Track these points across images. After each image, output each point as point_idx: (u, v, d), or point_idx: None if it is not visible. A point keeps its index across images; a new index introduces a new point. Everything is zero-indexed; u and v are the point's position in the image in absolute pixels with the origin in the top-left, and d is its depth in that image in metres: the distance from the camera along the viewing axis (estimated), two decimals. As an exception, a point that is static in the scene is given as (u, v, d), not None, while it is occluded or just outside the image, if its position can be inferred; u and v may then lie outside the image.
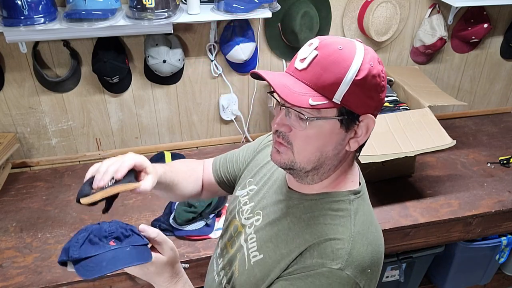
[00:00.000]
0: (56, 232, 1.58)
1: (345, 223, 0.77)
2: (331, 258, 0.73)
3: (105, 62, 1.71)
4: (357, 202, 0.81)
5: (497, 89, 2.43)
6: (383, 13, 1.91)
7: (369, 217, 0.82)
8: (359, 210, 0.80)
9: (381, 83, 0.73)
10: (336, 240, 0.75)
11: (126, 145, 2.03)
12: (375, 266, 0.77)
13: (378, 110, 0.76)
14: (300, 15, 1.80)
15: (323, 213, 0.79)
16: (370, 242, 0.77)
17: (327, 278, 0.72)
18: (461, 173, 1.93)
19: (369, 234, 0.78)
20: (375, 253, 0.77)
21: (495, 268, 2.10)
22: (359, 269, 0.73)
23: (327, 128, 0.73)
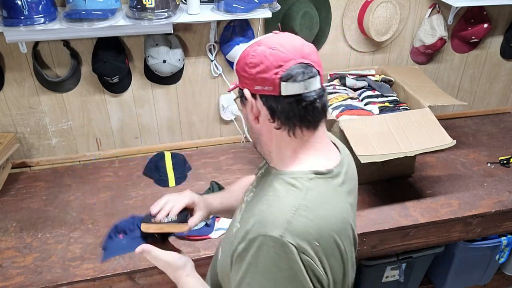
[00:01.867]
0: (56, 232, 1.58)
1: (294, 196, 0.81)
2: (269, 226, 0.76)
3: (105, 62, 1.71)
4: (316, 182, 0.83)
5: (497, 89, 2.43)
6: (383, 13, 1.91)
7: (327, 197, 0.83)
8: (316, 189, 0.82)
9: (248, 60, 0.83)
10: (280, 210, 0.79)
11: (126, 145, 2.03)
12: (325, 241, 0.78)
13: (258, 85, 0.83)
14: (300, 15, 1.80)
15: (282, 188, 0.84)
16: (317, 216, 0.79)
17: (266, 247, 0.75)
18: (461, 173, 1.93)
19: (320, 209, 0.80)
20: (325, 229, 0.78)
21: (495, 268, 2.10)
22: (301, 238, 0.75)
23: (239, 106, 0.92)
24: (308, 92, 0.81)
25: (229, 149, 2.09)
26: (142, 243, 1.03)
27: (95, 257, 1.47)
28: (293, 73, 0.80)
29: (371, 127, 1.64)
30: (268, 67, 0.81)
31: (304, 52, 0.83)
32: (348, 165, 0.93)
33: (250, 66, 0.83)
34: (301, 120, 0.83)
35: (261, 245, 0.76)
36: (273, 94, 0.81)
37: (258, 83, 0.82)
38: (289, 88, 0.80)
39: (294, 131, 0.84)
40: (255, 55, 0.82)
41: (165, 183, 1.84)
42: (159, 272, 1.47)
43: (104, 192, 1.79)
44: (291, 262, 0.74)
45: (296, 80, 0.80)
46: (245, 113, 0.90)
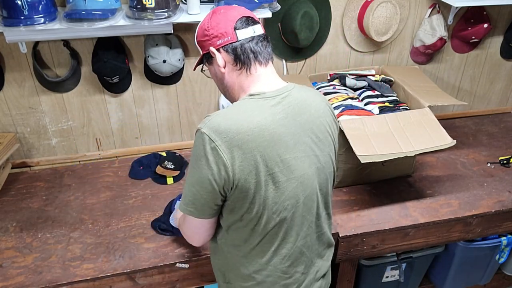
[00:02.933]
0: (56, 232, 1.58)
1: (223, 109, 1.06)
2: (200, 123, 1.02)
3: (105, 62, 1.71)
4: (245, 101, 1.05)
5: (497, 89, 2.43)
6: (383, 13, 1.91)
7: (247, 108, 1.03)
8: (241, 104, 1.05)
9: (206, 26, 1.09)
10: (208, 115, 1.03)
11: (126, 145, 2.03)
12: (232, 136, 0.98)
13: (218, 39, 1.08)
14: (300, 15, 1.80)
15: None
16: (232, 118, 1.00)
17: (196, 135, 1.02)
18: (461, 173, 1.93)
19: (235, 115, 1.01)
20: (234, 127, 0.98)
21: (495, 268, 2.10)
22: (213, 130, 0.98)
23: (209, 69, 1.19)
24: (257, 35, 1.08)
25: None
26: None
27: (95, 257, 1.47)
28: (242, 22, 1.07)
29: (371, 127, 1.64)
30: (224, 24, 1.07)
31: (244, 12, 1.10)
32: (296, 96, 1.09)
33: (209, 29, 1.08)
34: (255, 57, 1.08)
35: (195, 134, 1.03)
36: (232, 41, 1.06)
37: (219, 38, 1.07)
38: (242, 33, 1.07)
39: (250, 68, 1.08)
40: (210, 21, 1.09)
41: (163, 181, 1.84)
42: (159, 272, 1.47)
43: (104, 192, 1.79)
44: (202, 146, 0.99)
45: (246, 26, 1.07)
46: (213, 71, 1.15)
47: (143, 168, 1.90)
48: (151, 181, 1.86)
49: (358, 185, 1.82)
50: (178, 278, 1.51)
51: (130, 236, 1.56)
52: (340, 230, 1.59)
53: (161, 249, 1.50)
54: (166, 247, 1.51)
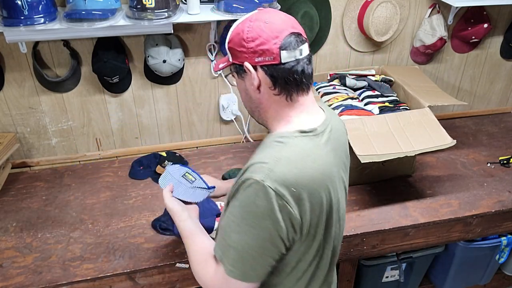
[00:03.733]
0: (56, 232, 1.58)
1: (278, 149, 0.91)
2: (256, 172, 0.87)
3: (105, 62, 1.71)
4: (300, 139, 0.93)
5: (497, 89, 2.43)
6: (383, 13, 1.91)
7: (308, 152, 0.92)
8: (299, 144, 0.92)
9: (244, 36, 0.91)
10: (263, 161, 0.89)
11: (126, 145, 2.03)
12: (301, 189, 0.87)
13: (258, 56, 0.91)
14: (300, 15, 1.80)
15: (269, 144, 0.95)
16: (297, 167, 0.88)
17: (250, 188, 0.87)
18: (461, 173, 1.93)
19: (300, 162, 0.89)
20: (301, 179, 0.87)
21: (495, 268, 2.10)
22: (280, 182, 0.85)
23: (235, 81, 1.01)
24: (302, 58, 0.92)
25: (229, 149, 2.09)
26: None
27: (95, 257, 1.47)
28: (289, 41, 0.90)
29: (371, 127, 1.64)
30: (266, 39, 0.89)
31: (292, 23, 0.93)
32: (333, 126, 1.02)
33: (248, 41, 0.91)
34: (297, 84, 0.94)
35: (246, 186, 0.87)
36: (274, 63, 0.90)
37: (259, 55, 0.91)
38: (287, 55, 0.90)
39: (291, 95, 0.95)
40: (251, 30, 0.91)
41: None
42: (159, 272, 1.47)
43: (104, 192, 1.79)
44: (267, 203, 0.85)
45: (293, 48, 0.90)
46: (243, 86, 0.99)
47: (143, 168, 1.90)
48: (151, 181, 1.86)
49: (358, 185, 1.82)
50: (178, 278, 1.51)
51: (130, 236, 1.56)
52: (340, 230, 1.59)
53: (161, 249, 1.50)
54: (166, 247, 1.51)
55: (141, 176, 1.88)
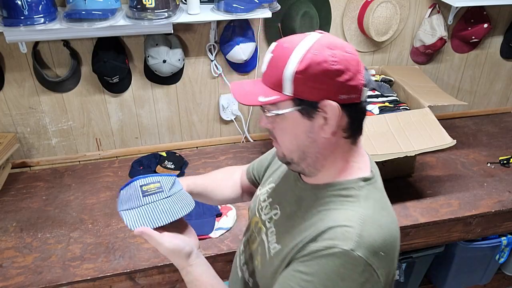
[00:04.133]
0: (56, 232, 1.58)
1: (355, 208, 0.78)
2: (342, 239, 0.73)
3: (105, 62, 1.71)
4: (367, 189, 0.82)
5: (497, 89, 2.43)
6: (383, 13, 1.91)
7: (380, 203, 0.82)
8: (370, 196, 0.81)
9: (331, 68, 0.73)
10: (346, 224, 0.75)
11: (126, 145, 2.03)
12: (388, 249, 0.76)
13: (344, 93, 0.75)
14: (300, 15, 1.80)
15: (333, 200, 0.81)
16: (381, 225, 0.77)
17: (339, 259, 0.72)
18: (461, 173, 1.93)
19: (380, 218, 0.79)
20: (388, 237, 0.77)
21: (495, 268, 2.10)
22: (371, 250, 0.73)
23: (290, 120, 0.79)
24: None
25: (229, 149, 2.09)
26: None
27: (95, 257, 1.47)
28: (368, 77, 0.77)
29: (371, 127, 1.64)
30: (354, 73, 0.75)
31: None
32: (374, 163, 0.93)
33: (340, 73, 0.73)
34: (361, 126, 0.82)
35: (327, 255, 0.74)
36: (355, 101, 0.76)
37: (345, 92, 0.75)
38: (365, 93, 0.78)
39: (356, 139, 0.83)
40: (338, 60, 0.74)
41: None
42: (159, 272, 1.47)
43: (104, 192, 1.79)
44: (356, 276, 0.73)
45: (369, 84, 0.78)
46: (301, 128, 0.79)
47: (143, 168, 1.90)
48: (151, 181, 1.86)
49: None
50: (178, 278, 1.51)
51: (130, 236, 1.56)
52: (340, 230, 1.59)
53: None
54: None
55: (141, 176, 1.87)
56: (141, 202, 0.85)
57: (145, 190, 0.86)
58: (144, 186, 0.86)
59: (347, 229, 0.74)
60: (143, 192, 0.86)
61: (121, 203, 0.87)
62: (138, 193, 0.85)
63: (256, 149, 2.07)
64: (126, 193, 0.87)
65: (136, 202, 0.85)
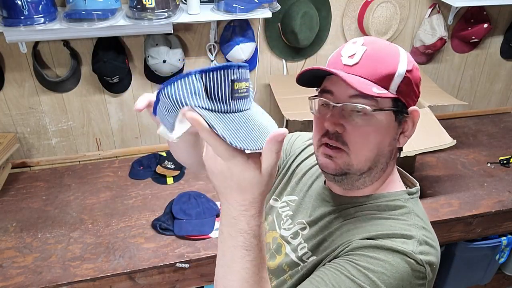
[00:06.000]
0: (56, 232, 1.58)
1: (409, 218, 0.76)
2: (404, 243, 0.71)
3: (105, 62, 1.71)
4: (412, 202, 0.80)
5: (497, 89, 2.43)
6: (383, 13, 1.91)
7: (425, 217, 0.81)
8: (415, 209, 0.79)
9: (418, 75, 0.76)
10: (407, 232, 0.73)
11: (126, 145, 2.03)
12: (437, 264, 0.75)
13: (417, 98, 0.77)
14: (300, 15, 1.80)
15: (381, 209, 0.78)
16: (433, 239, 0.76)
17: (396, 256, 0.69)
18: (461, 173, 1.93)
19: (431, 233, 0.77)
20: (438, 252, 0.76)
21: (495, 268, 2.10)
22: (427, 261, 0.71)
23: (384, 121, 0.73)
24: None
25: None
26: None
27: (95, 257, 1.47)
28: None
29: (371, 127, 1.63)
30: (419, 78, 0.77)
31: None
32: None
33: (420, 81, 0.76)
34: None
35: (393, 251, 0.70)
36: None
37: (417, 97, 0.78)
38: None
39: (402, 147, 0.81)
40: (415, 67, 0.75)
41: (163, 181, 1.84)
42: (159, 272, 1.47)
43: (104, 192, 1.79)
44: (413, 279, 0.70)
45: None
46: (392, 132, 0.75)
47: (143, 168, 1.90)
48: (151, 181, 1.86)
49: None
50: (178, 278, 1.51)
51: (130, 236, 1.56)
52: (340, 230, 1.59)
53: (161, 249, 1.50)
54: (166, 247, 1.51)
55: (141, 176, 1.88)
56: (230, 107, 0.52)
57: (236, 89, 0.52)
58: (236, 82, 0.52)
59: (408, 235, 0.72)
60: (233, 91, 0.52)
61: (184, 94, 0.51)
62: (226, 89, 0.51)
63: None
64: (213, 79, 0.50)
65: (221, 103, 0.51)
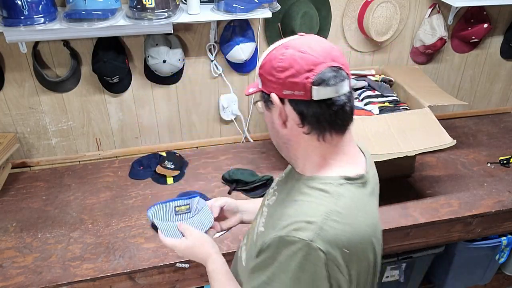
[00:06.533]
0: (56, 232, 1.58)
1: (325, 202, 0.80)
2: (302, 229, 0.75)
3: (105, 62, 1.71)
4: (347, 188, 0.82)
5: (497, 89, 2.43)
6: (383, 13, 1.91)
7: (359, 204, 0.82)
8: (347, 195, 0.81)
9: (275, 64, 0.81)
10: (311, 216, 0.77)
11: (126, 145, 2.03)
12: (355, 248, 0.77)
13: (287, 89, 0.80)
14: (300, 15, 1.80)
15: (310, 193, 0.83)
16: (349, 224, 0.78)
17: (294, 247, 0.74)
18: (461, 173, 1.93)
19: (351, 217, 0.79)
20: (355, 236, 0.78)
21: (495, 268, 2.10)
22: (332, 244, 0.74)
23: (265, 112, 0.89)
24: (339, 96, 0.79)
25: (229, 149, 2.09)
26: None
27: (95, 257, 1.47)
28: (325, 77, 0.78)
29: (371, 127, 1.64)
30: (298, 71, 0.78)
31: (333, 55, 0.81)
32: (372, 168, 0.93)
33: (279, 70, 0.80)
34: (331, 124, 0.82)
35: (288, 244, 0.75)
36: (303, 98, 0.79)
37: (287, 88, 0.80)
38: (320, 92, 0.78)
39: (324, 135, 0.83)
40: (284, 58, 0.80)
41: (163, 181, 1.84)
42: (159, 272, 1.47)
43: (104, 192, 1.79)
44: (316, 267, 0.74)
45: (328, 84, 0.78)
46: (269, 117, 0.88)
47: (143, 168, 1.90)
48: (151, 181, 1.86)
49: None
50: (178, 278, 1.51)
51: (130, 236, 1.56)
52: (340, 230, 1.59)
53: (161, 249, 1.50)
54: (166, 247, 1.51)
55: (141, 176, 1.88)
56: (173, 219, 1.11)
57: (177, 210, 1.12)
58: (177, 207, 1.12)
59: (310, 220, 0.76)
60: (175, 212, 1.12)
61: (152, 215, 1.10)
62: (172, 212, 1.12)
63: (256, 149, 2.07)
64: (162, 209, 1.11)
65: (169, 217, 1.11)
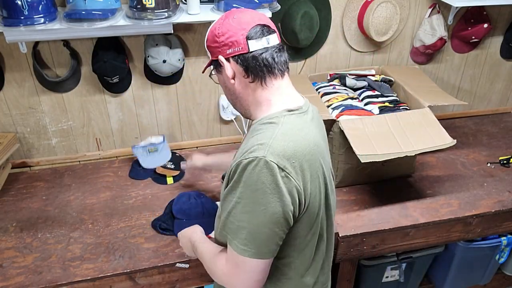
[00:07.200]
0: (56, 232, 1.58)
1: (272, 128, 0.97)
2: (256, 150, 0.92)
3: (105, 62, 1.71)
4: (290, 117, 1.00)
5: (497, 89, 2.43)
6: (383, 13, 1.91)
7: (300, 127, 0.99)
8: (290, 121, 0.99)
9: (217, 32, 1.01)
10: (262, 139, 0.94)
11: (126, 145, 2.03)
12: (300, 159, 0.93)
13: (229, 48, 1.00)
14: (300, 15, 1.81)
15: (261, 128, 1.00)
16: (293, 140, 0.94)
17: (252, 165, 0.90)
18: (461, 173, 1.93)
19: (294, 135, 0.96)
20: (300, 149, 0.94)
21: (495, 268, 2.10)
22: (281, 156, 0.91)
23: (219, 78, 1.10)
24: (271, 46, 1.01)
25: (229, 149, 2.09)
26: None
27: (95, 257, 1.47)
28: (255, 31, 0.99)
29: (371, 127, 1.64)
30: (235, 32, 0.99)
31: (260, 17, 1.02)
32: (314, 110, 1.10)
33: (220, 35, 1.01)
34: (268, 70, 1.01)
35: (247, 165, 0.91)
36: (243, 52, 0.99)
37: (229, 46, 1.00)
38: (255, 44, 0.99)
39: (265, 80, 1.01)
40: (221, 26, 1.01)
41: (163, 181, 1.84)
42: (159, 272, 1.47)
43: (104, 192, 1.79)
44: (272, 177, 0.89)
45: (260, 37, 0.99)
46: (222, 80, 1.08)
47: (143, 168, 1.90)
48: (151, 181, 1.86)
49: (358, 185, 1.82)
50: (178, 278, 1.51)
51: (130, 236, 1.56)
52: (340, 230, 1.59)
53: (161, 249, 1.50)
54: (166, 247, 1.51)
55: (141, 176, 1.88)
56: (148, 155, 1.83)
57: (149, 150, 1.85)
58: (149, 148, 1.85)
59: (259, 146, 0.92)
60: (148, 152, 1.85)
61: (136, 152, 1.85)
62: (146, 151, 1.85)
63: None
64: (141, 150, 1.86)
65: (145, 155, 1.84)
